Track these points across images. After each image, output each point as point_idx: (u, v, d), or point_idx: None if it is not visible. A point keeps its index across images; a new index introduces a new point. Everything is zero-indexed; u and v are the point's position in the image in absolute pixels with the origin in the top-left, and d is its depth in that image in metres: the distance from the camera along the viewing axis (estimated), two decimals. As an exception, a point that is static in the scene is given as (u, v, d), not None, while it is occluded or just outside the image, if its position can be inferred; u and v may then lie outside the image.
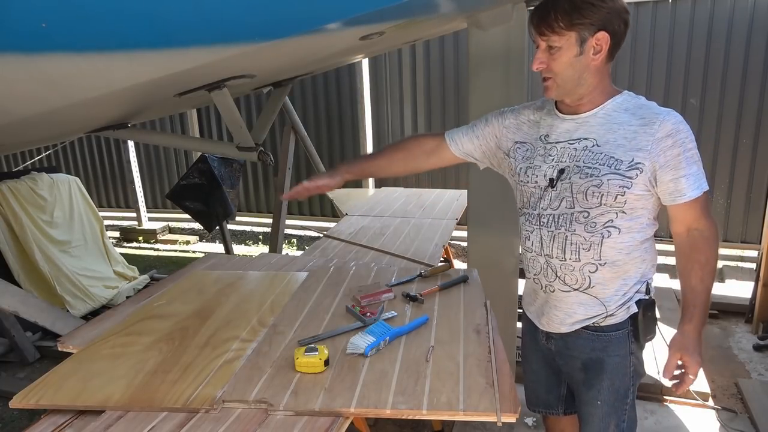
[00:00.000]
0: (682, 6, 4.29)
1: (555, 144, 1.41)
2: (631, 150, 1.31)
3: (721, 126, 4.38)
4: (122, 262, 4.57)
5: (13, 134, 2.20)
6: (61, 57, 1.27)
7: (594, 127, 1.36)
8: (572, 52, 1.30)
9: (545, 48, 1.32)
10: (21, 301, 2.29)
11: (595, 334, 1.44)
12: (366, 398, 1.27)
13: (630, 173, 1.30)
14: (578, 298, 1.43)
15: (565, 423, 1.70)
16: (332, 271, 2.18)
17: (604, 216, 1.35)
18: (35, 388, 1.37)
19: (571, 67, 1.31)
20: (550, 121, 1.45)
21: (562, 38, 1.29)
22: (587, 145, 1.35)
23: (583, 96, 1.36)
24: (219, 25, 1.30)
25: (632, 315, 1.42)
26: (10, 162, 6.91)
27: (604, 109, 1.36)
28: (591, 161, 1.34)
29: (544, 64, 1.33)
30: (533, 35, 1.35)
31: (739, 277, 4.23)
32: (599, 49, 1.30)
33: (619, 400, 1.47)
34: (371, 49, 2.90)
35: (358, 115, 5.46)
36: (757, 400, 2.58)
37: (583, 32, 1.28)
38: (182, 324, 1.72)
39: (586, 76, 1.33)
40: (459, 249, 5.08)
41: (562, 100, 1.41)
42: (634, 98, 1.38)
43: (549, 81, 1.35)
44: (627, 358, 1.44)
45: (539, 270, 1.48)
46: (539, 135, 1.46)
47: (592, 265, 1.39)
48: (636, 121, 1.32)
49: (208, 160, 3.98)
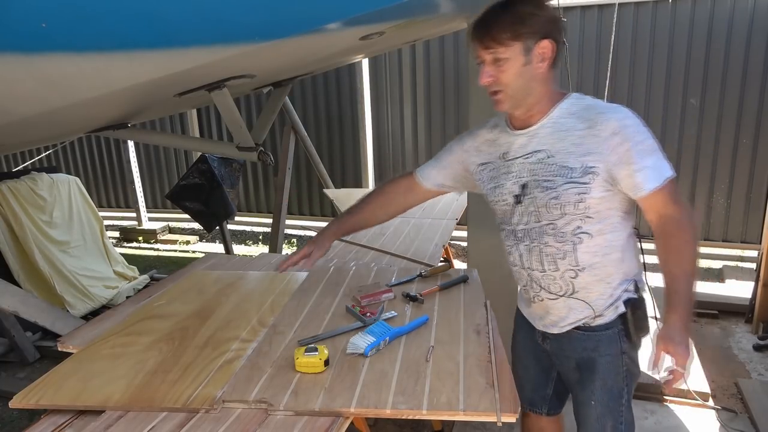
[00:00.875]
0: (682, 6, 4.29)
1: (514, 160, 1.44)
2: (581, 156, 1.31)
3: (721, 126, 4.38)
4: (122, 262, 4.57)
5: (13, 134, 2.20)
6: (61, 57, 1.27)
7: (545, 138, 1.38)
8: (519, 62, 1.30)
9: (491, 61, 1.32)
10: (21, 301, 2.30)
11: (586, 334, 1.46)
12: (366, 398, 1.27)
13: (584, 179, 1.31)
14: (566, 303, 1.45)
15: (545, 423, 1.73)
16: (332, 271, 2.18)
17: (570, 225, 1.36)
18: (35, 388, 1.37)
19: (520, 77, 1.32)
20: (506, 138, 1.47)
21: (508, 49, 1.29)
22: (541, 158, 1.37)
23: (532, 106, 1.38)
24: (219, 25, 1.30)
25: (621, 314, 1.43)
26: (10, 162, 6.91)
27: (551, 118, 1.38)
28: (547, 173, 1.36)
29: (493, 77, 1.33)
30: (476, 51, 1.35)
31: (739, 277, 4.23)
32: (544, 57, 1.32)
33: (614, 400, 1.47)
34: (371, 49, 2.90)
35: (358, 115, 5.46)
36: (757, 400, 2.58)
37: (528, 41, 1.29)
38: (182, 324, 1.72)
39: (533, 85, 1.34)
40: (459, 249, 5.08)
41: (513, 113, 1.42)
42: (580, 100, 1.38)
43: (500, 94, 1.35)
44: (619, 358, 1.45)
45: (525, 282, 1.51)
46: (499, 153, 1.48)
47: (572, 272, 1.40)
48: (582, 125, 1.33)
49: (208, 160, 3.99)
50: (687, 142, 4.49)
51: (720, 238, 4.61)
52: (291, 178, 4.20)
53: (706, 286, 4.13)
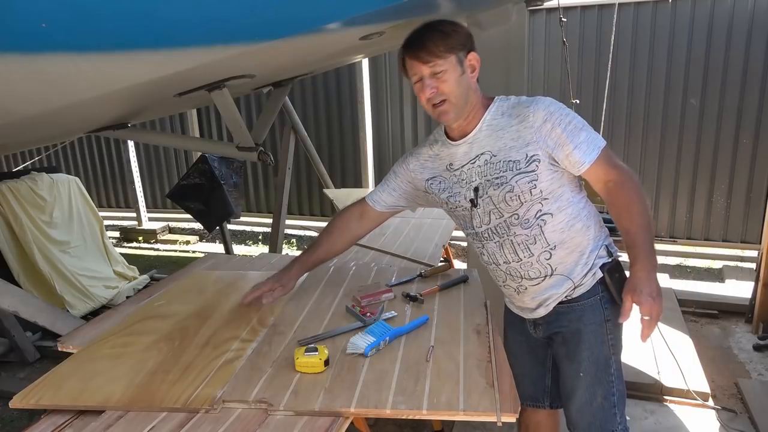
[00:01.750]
0: (682, 6, 4.29)
1: (461, 168, 1.52)
2: (521, 148, 1.41)
3: (721, 126, 4.38)
4: (122, 262, 4.57)
5: (13, 134, 2.20)
6: (61, 57, 1.27)
7: (484, 140, 1.47)
8: (456, 72, 1.40)
9: (431, 75, 1.39)
10: (21, 301, 2.30)
11: (570, 306, 1.51)
12: (366, 398, 1.27)
13: (530, 167, 1.40)
14: (547, 282, 1.51)
15: (543, 416, 1.75)
16: (332, 271, 2.18)
17: (531, 210, 1.44)
18: (35, 388, 1.37)
19: (459, 85, 1.41)
20: (447, 150, 1.55)
21: (445, 61, 1.38)
22: (486, 159, 1.46)
23: (468, 114, 1.46)
24: (219, 25, 1.30)
25: (600, 280, 1.49)
26: (10, 162, 6.92)
27: (485, 122, 1.47)
28: (495, 171, 1.44)
29: (436, 89, 1.40)
30: (412, 69, 1.42)
31: (739, 277, 4.23)
32: (474, 67, 1.44)
33: (601, 370, 1.51)
34: (371, 49, 2.90)
35: (358, 115, 5.46)
36: (757, 400, 2.58)
37: (459, 54, 1.40)
38: (182, 324, 1.72)
39: (470, 93, 1.44)
40: (459, 249, 5.08)
41: (452, 125, 1.49)
42: (506, 101, 1.49)
43: (444, 104, 1.42)
44: (603, 326, 1.50)
45: (504, 278, 1.57)
46: (444, 166, 1.56)
47: (546, 253, 1.47)
48: (514, 121, 1.43)
49: (208, 160, 3.99)
50: (687, 142, 4.49)
51: (720, 238, 4.61)
52: (291, 178, 4.20)
53: (706, 286, 4.14)
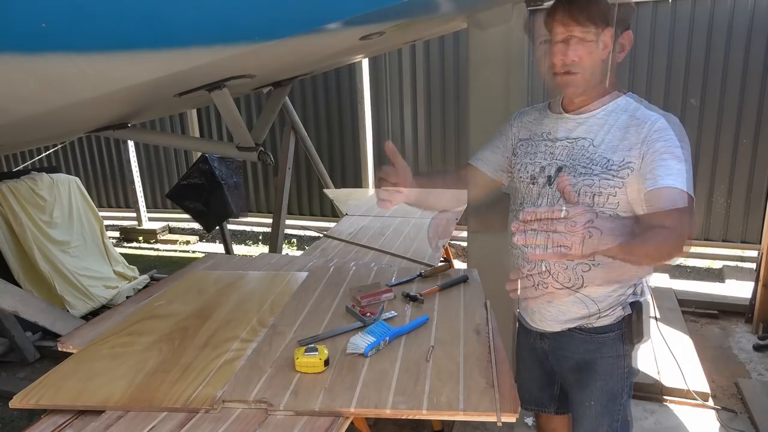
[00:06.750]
0: (682, 6, 4.29)
1: (556, 142, 1.41)
2: (622, 150, 1.29)
3: (721, 126, 4.38)
4: (122, 262, 4.58)
5: (13, 134, 2.20)
6: (61, 57, 1.26)
7: (593, 126, 1.35)
8: (607, 47, 1.26)
9: (579, 40, 1.25)
10: (21, 301, 2.29)
11: (588, 336, 1.44)
12: (366, 398, 1.27)
13: (621, 173, 1.28)
14: (570, 297, 1.42)
15: (557, 422, 1.72)
16: (332, 271, 2.18)
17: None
18: (35, 388, 1.37)
19: (602, 63, 1.27)
20: (554, 119, 1.44)
21: (601, 32, 1.24)
22: (584, 145, 1.34)
23: (594, 95, 1.35)
24: (219, 25, 1.30)
25: (626, 316, 1.41)
26: (10, 162, 6.92)
27: (605, 110, 1.35)
28: (586, 161, 1.33)
29: (578, 58, 1.26)
30: (564, 23, 1.25)
31: (739, 277, 4.23)
32: (624, 47, 1.30)
33: (612, 401, 1.46)
34: (371, 49, 2.90)
35: (358, 115, 5.46)
36: (757, 400, 2.58)
37: (617, 29, 1.25)
38: (182, 324, 1.72)
39: (606, 74, 1.29)
40: (459, 249, 5.08)
41: (573, 98, 1.38)
42: (636, 101, 1.36)
43: (575, 75, 1.28)
44: (621, 359, 1.44)
45: (533, 265, 1.44)
46: (542, 133, 1.46)
47: (586, 265, 1.36)
48: (630, 122, 1.31)
49: (208, 160, 3.99)
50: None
51: (720, 238, 4.61)
52: (291, 178, 4.20)
53: (706, 286, 4.14)
